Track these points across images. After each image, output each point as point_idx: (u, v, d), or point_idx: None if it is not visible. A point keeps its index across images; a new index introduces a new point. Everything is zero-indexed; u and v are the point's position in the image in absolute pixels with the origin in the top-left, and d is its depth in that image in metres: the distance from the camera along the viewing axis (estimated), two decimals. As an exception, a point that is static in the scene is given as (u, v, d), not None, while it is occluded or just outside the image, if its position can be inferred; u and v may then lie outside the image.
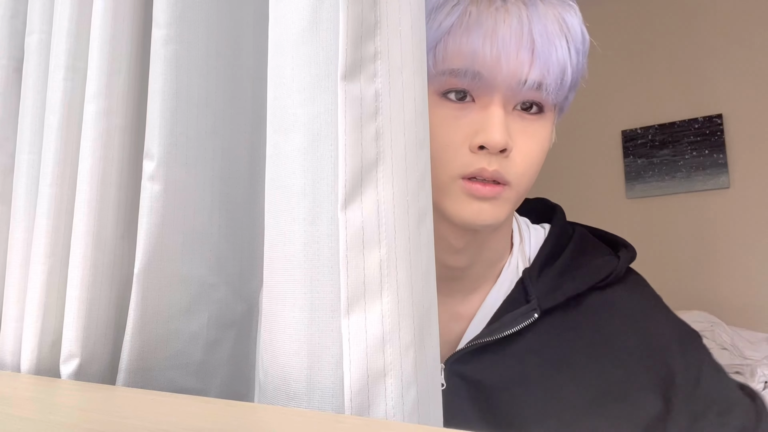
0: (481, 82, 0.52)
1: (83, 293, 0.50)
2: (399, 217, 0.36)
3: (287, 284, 0.37)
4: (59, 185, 0.55)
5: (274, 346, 0.38)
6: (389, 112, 0.36)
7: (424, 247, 0.38)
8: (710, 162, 2.94)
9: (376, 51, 0.36)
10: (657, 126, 3.09)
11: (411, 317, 0.35)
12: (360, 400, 0.34)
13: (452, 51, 0.52)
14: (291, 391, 0.36)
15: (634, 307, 0.60)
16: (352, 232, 0.34)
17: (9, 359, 0.58)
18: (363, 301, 0.34)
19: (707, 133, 2.95)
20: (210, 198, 0.50)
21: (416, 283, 0.36)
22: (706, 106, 2.97)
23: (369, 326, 0.34)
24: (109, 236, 0.52)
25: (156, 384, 0.48)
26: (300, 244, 0.37)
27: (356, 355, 0.34)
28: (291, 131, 0.38)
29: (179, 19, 0.49)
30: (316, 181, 0.37)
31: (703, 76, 2.98)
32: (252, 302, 0.52)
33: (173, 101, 0.48)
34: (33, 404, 0.43)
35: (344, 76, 0.35)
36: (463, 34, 0.52)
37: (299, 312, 0.36)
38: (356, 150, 0.35)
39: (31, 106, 0.61)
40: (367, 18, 0.35)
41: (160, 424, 0.34)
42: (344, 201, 0.34)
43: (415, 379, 0.35)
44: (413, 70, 0.38)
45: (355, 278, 0.34)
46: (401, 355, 0.34)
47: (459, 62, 0.52)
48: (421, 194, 0.38)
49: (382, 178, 0.35)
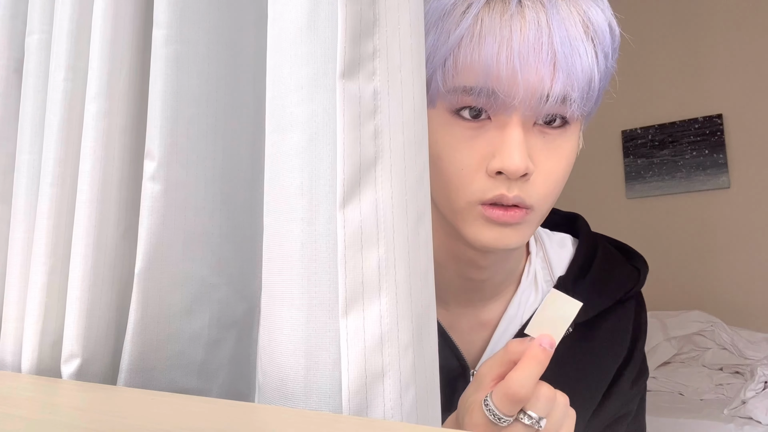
0: (496, 100, 0.47)
1: (84, 293, 0.50)
2: (398, 217, 0.35)
3: (285, 284, 0.37)
4: (60, 185, 0.55)
5: (272, 346, 0.37)
6: (388, 111, 0.36)
7: (423, 246, 0.38)
8: (710, 162, 2.94)
9: (375, 49, 0.35)
10: (657, 126, 3.09)
11: (409, 318, 0.35)
12: (358, 400, 0.33)
13: (463, 66, 0.47)
14: (288, 392, 0.36)
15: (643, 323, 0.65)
16: (350, 231, 0.34)
17: (10, 359, 0.58)
18: (361, 301, 0.34)
19: (707, 133, 2.95)
20: (211, 198, 0.50)
21: (415, 283, 0.36)
22: (706, 106, 2.97)
23: (367, 326, 0.34)
24: (110, 236, 0.52)
25: (157, 384, 0.48)
26: (298, 244, 0.36)
27: (354, 355, 0.34)
28: (289, 130, 0.37)
29: (180, 19, 0.49)
30: (314, 180, 0.36)
31: (703, 76, 2.98)
32: (253, 302, 0.52)
33: (174, 101, 0.48)
34: (33, 404, 0.43)
35: (343, 74, 0.34)
36: (474, 48, 0.47)
37: (296, 312, 0.36)
38: (354, 149, 0.34)
39: (32, 106, 0.61)
40: (365, 16, 0.35)
41: (161, 424, 0.34)
42: (342, 200, 0.34)
43: (414, 379, 0.35)
44: (412, 69, 0.38)
45: (353, 278, 0.34)
46: (400, 356, 0.34)
47: (471, 79, 0.47)
48: (419, 194, 0.38)
49: (380, 177, 0.35)
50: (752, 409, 1.91)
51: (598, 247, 0.64)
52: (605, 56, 0.49)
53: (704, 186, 2.95)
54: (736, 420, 1.92)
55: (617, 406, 0.63)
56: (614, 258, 0.64)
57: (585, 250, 0.63)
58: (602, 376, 0.61)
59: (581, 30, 0.47)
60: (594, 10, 0.49)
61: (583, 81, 0.47)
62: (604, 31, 0.49)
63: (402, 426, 0.32)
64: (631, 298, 0.63)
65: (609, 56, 0.50)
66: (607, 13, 0.50)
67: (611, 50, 0.50)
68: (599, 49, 0.48)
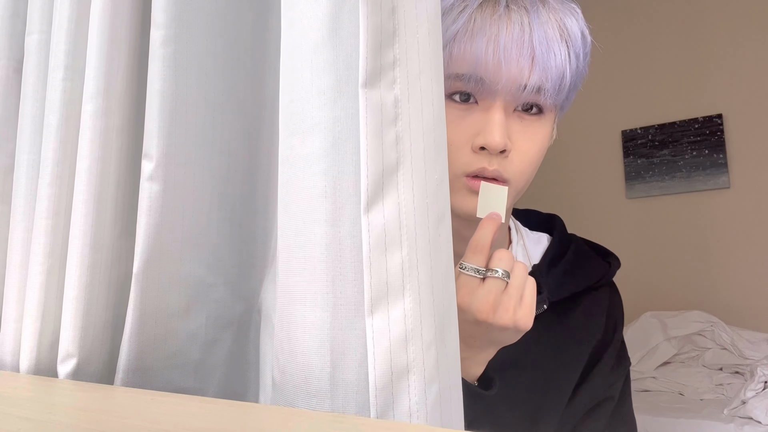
0: (483, 86, 0.55)
1: (81, 293, 0.50)
2: (419, 219, 0.37)
3: (308, 285, 0.38)
4: (58, 185, 0.55)
5: (293, 345, 0.38)
6: (408, 118, 0.37)
7: (444, 247, 0.39)
8: (710, 162, 2.94)
9: (395, 58, 0.37)
10: (657, 126, 3.09)
11: (432, 316, 0.36)
12: (384, 396, 0.35)
13: (457, 56, 0.56)
14: (313, 389, 0.37)
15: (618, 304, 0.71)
16: (374, 234, 0.36)
17: (8, 359, 0.58)
18: (386, 301, 0.35)
19: (707, 133, 2.95)
20: (209, 198, 0.50)
21: (437, 283, 0.38)
22: (706, 106, 2.97)
23: (392, 325, 0.35)
24: (107, 236, 0.52)
25: (154, 384, 0.48)
26: (322, 246, 0.37)
27: (380, 353, 0.35)
28: (310, 134, 0.39)
29: (178, 19, 0.49)
30: (337, 183, 0.38)
31: (703, 76, 2.98)
32: (251, 302, 0.52)
33: (172, 101, 0.48)
34: (32, 404, 0.43)
35: (365, 83, 0.36)
36: (467, 41, 0.55)
37: (321, 312, 0.37)
38: (377, 155, 0.36)
39: (31, 106, 0.61)
40: (385, 26, 0.36)
41: (159, 424, 0.34)
42: (366, 205, 0.36)
43: (437, 375, 0.36)
44: (431, 76, 0.39)
45: (378, 279, 0.35)
46: (423, 353, 0.35)
47: (463, 67, 0.55)
48: (440, 196, 0.39)
49: (402, 181, 0.36)
50: (752, 409, 1.91)
51: (572, 242, 0.71)
52: (576, 57, 0.58)
53: (704, 186, 2.95)
54: (736, 420, 1.92)
55: (599, 386, 0.67)
56: (586, 252, 0.71)
57: (558, 243, 0.71)
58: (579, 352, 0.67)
59: (557, 33, 0.56)
60: (569, 18, 0.58)
61: (556, 75, 0.56)
62: (576, 37, 0.58)
63: (402, 425, 0.33)
64: (605, 286, 0.70)
65: (580, 58, 0.58)
66: (580, 22, 0.59)
67: (582, 53, 0.59)
68: (572, 50, 0.57)
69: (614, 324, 0.70)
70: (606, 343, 0.68)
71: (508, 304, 0.51)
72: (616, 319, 0.70)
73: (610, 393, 0.68)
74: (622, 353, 0.70)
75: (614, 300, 0.71)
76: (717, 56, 2.94)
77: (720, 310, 2.71)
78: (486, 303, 0.51)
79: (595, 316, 0.69)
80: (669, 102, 3.07)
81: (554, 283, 0.65)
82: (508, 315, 0.51)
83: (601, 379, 0.67)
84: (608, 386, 0.67)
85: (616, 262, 0.72)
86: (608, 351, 0.68)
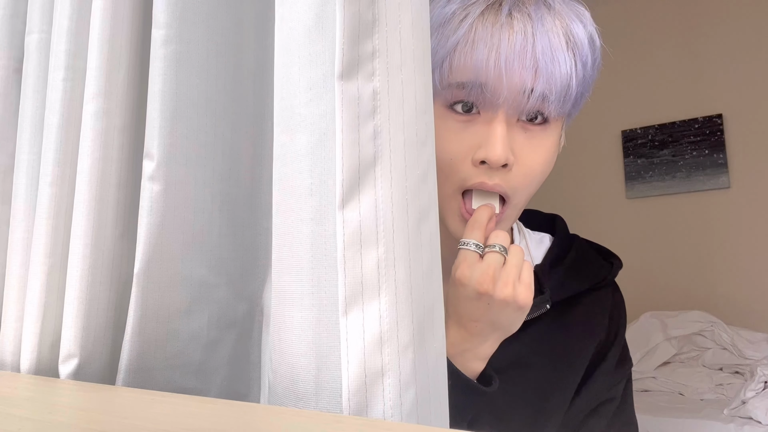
0: (485, 96, 0.54)
1: (82, 293, 0.50)
2: (398, 216, 0.35)
3: (295, 284, 0.37)
4: (59, 185, 0.54)
5: (282, 346, 0.37)
6: (388, 111, 0.36)
7: (426, 246, 0.38)
8: (710, 162, 2.94)
9: (375, 49, 0.35)
10: (657, 126, 3.09)
11: (410, 317, 0.35)
12: (358, 399, 0.33)
13: (458, 66, 0.54)
14: (299, 392, 0.36)
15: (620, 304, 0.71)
16: (349, 231, 0.34)
17: (9, 359, 0.58)
18: (361, 301, 0.34)
19: (707, 133, 2.95)
20: (210, 198, 0.50)
21: (416, 283, 0.36)
22: (706, 106, 2.97)
23: (367, 326, 0.34)
24: (108, 236, 0.51)
25: (155, 384, 0.48)
26: (307, 244, 0.36)
27: (354, 354, 0.34)
28: (298, 131, 0.37)
29: (179, 19, 0.49)
30: (323, 180, 0.36)
31: (703, 76, 2.98)
32: (253, 302, 0.52)
33: (173, 101, 0.48)
34: (32, 404, 0.43)
35: (341, 75, 0.35)
36: (468, 51, 0.53)
37: (307, 312, 0.36)
38: (353, 149, 0.35)
39: (31, 106, 0.61)
40: (364, 16, 0.35)
41: (160, 424, 0.34)
42: (342, 201, 0.34)
43: (415, 379, 0.35)
44: (414, 68, 0.38)
45: (352, 278, 0.34)
46: (399, 356, 0.34)
47: (465, 76, 0.54)
48: (422, 193, 0.38)
49: (380, 177, 0.35)
50: (752, 409, 1.91)
51: (574, 242, 0.70)
52: (584, 65, 0.56)
53: (704, 186, 2.95)
54: (736, 420, 1.92)
55: (602, 387, 0.67)
56: (588, 253, 0.70)
57: (560, 243, 0.70)
58: (581, 352, 0.66)
59: (563, 41, 0.54)
60: (576, 24, 0.55)
61: (560, 85, 0.54)
62: (583, 44, 0.55)
63: (402, 426, 0.32)
64: (607, 286, 0.70)
65: (588, 65, 0.56)
66: (588, 27, 0.56)
67: (591, 60, 0.57)
68: (578, 58, 0.55)
69: (617, 324, 0.69)
70: (609, 343, 0.68)
71: (508, 278, 0.51)
72: (618, 320, 0.70)
73: (613, 393, 0.67)
74: (624, 354, 0.70)
75: (616, 300, 0.70)
76: (717, 56, 2.94)
77: (720, 310, 2.70)
78: (486, 275, 0.51)
79: (597, 316, 0.68)
80: (669, 102, 3.07)
81: (556, 283, 0.65)
82: (508, 289, 0.51)
83: (603, 379, 0.67)
84: (611, 387, 0.67)
85: (618, 263, 0.71)
86: (611, 351, 0.68)
